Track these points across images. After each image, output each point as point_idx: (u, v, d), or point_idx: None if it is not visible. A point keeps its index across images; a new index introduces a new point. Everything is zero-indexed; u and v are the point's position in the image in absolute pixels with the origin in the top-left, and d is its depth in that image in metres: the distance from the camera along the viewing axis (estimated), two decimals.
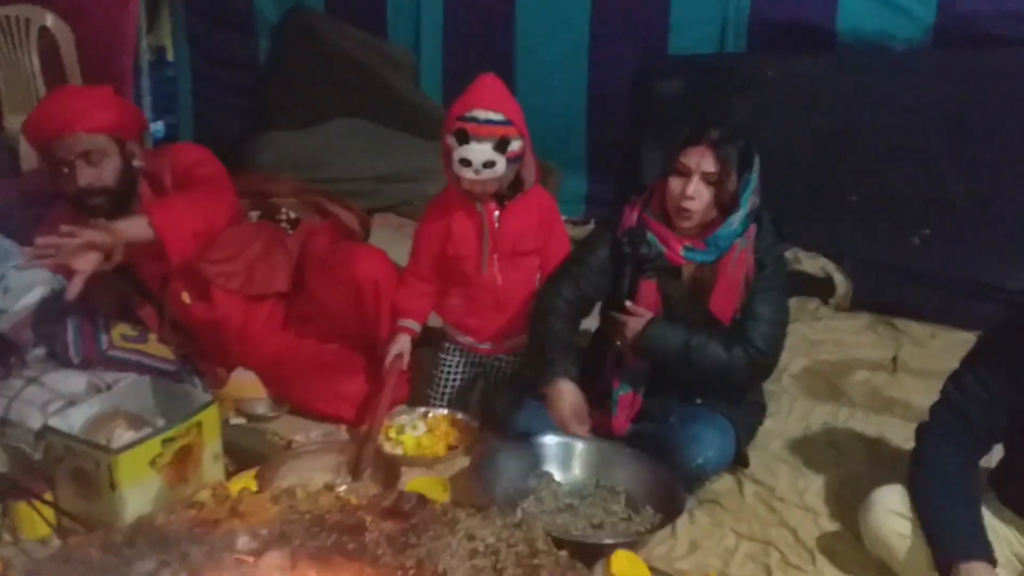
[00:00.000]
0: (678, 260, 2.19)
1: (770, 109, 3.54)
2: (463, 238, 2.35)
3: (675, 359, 2.16)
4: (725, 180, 2.10)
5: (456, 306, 2.46)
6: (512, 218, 2.34)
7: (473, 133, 2.15)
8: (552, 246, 2.43)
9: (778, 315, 2.20)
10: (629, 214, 2.26)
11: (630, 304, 2.22)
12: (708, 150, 2.10)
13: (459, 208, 2.34)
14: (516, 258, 2.39)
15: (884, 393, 2.78)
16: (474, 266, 2.37)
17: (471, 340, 2.49)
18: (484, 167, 2.17)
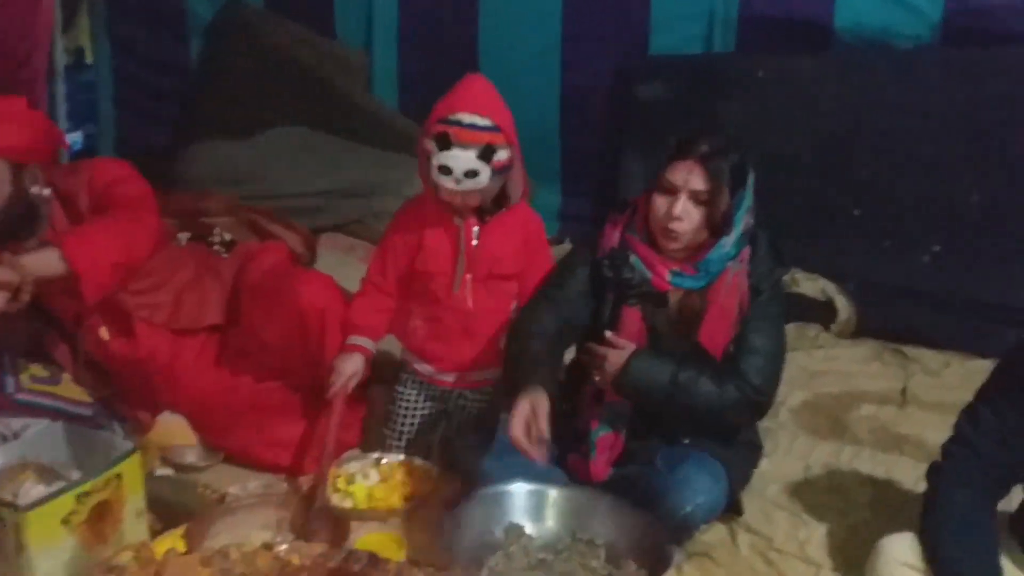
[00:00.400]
0: (664, 286, 2.20)
1: (762, 115, 3.59)
2: (436, 253, 2.36)
3: (661, 396, 2.16)
4: (716, 199, 2.11)
5: (418, 328, 2.46)
6: (492, 236, 2.35)
7: (456, 138, 2.16)
8: (533, 273, 2.43)
9: (775, 347, 2.21)
10: (610, 234, 2.26)
11: (610, 335, 2.22)
12: (697, 166, 2.11)
13: (435, 219, 2.35)
14: (491, 281, 2.40)
15: (893, 429, 2.81)
16: (444, 285, 2.38)
17: (431, 369, 2.49)
18: (466, 176, 2.18)
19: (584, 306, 2.27)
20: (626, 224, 2.26)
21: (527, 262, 2.42)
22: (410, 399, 2.54)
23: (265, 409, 2.54)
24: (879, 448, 2.69)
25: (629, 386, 2.19)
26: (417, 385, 2.53)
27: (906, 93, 3.42)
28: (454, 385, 2.51)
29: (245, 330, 2.58)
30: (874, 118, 3.46)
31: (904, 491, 2.44)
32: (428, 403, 2.55)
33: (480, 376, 2.50)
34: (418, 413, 2.55)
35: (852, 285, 3.47)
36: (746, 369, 2.16)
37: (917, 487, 2.24)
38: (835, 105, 3.53)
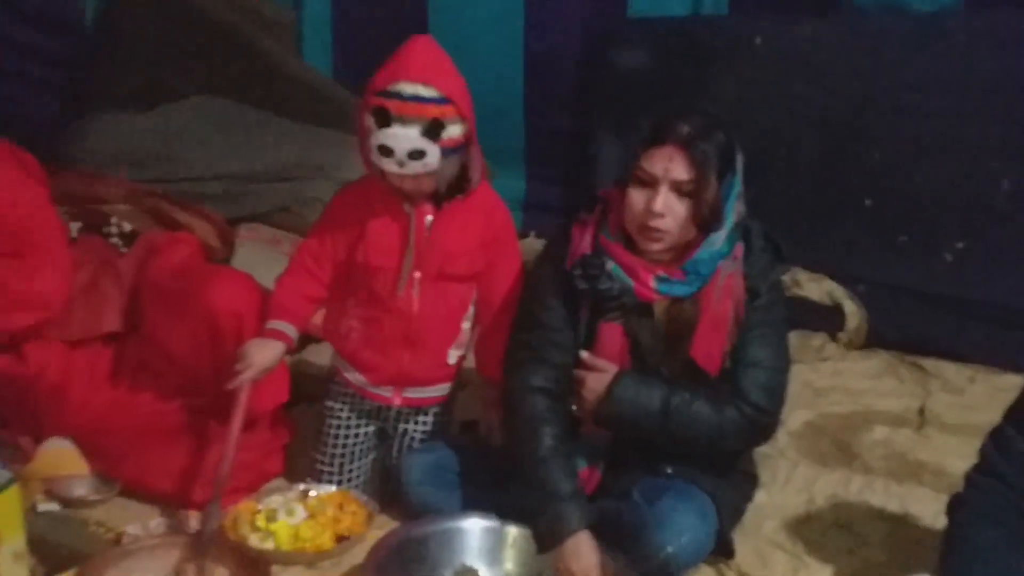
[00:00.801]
0: (649, 295, 2.20)
1: (759, 88, 3.62)
2: (380, 244, 2.34)
3: (650, 425, 2.17)
4: (702, 189, 2.11)
5: (352, 330, 2.45)
6: (447, 227, 2.33)
7: (396, 113, 2.13)
8: (499, 276, 2.42)
9: (778, 359, 2.23)
10: (580, 238, 2.25)
11: (587, 355, 2.22)
12: (678, 152, 2.10)
13: (381, 205, 2.34)
14: (442, 282, 2.38)
15: (909, 455, 2.83)
16: (388, 283, 2.35)
17: (364, 380, 2.48)
18: (410, 158, 2.15)
19: (567, 337, 2.27)
20: (598, 224, 2.25)
21: (491, 261, 2.41)
22: (342, 416, 2.52)
23: (170, 432, 2.51)
24: (893, 478, 2.71)
25: (612, 415, 2.19)
26: (348, 398, 2.51)
27: (926, 64, 3.46)
28: (389, 401, 2.49)
29: (147, 339, 2.55)
30: (889, 93, 3.49)
31: (922, 528, 2.46)
32: (363, 421, 2.53)
33: (420, 394, 2.48)
34: (351, 433, 2.53)
35: (863, 288, 3.51)
36: (747, 386, 2.17)
37: (937, 523, 2.26)
38: (844, 78, 3.56)
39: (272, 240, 3.70)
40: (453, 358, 2.46)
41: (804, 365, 3.25)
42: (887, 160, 3.51)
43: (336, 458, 2.53)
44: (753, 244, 2.22)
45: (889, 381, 3.27)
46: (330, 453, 2.53)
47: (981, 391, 3.17)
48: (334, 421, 2.53)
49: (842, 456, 2.84)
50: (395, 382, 2.46)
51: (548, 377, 2.25)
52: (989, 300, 3.38)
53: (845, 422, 3.01)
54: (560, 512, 2.11)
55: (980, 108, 3.40)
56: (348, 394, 2.51)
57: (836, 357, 3.38)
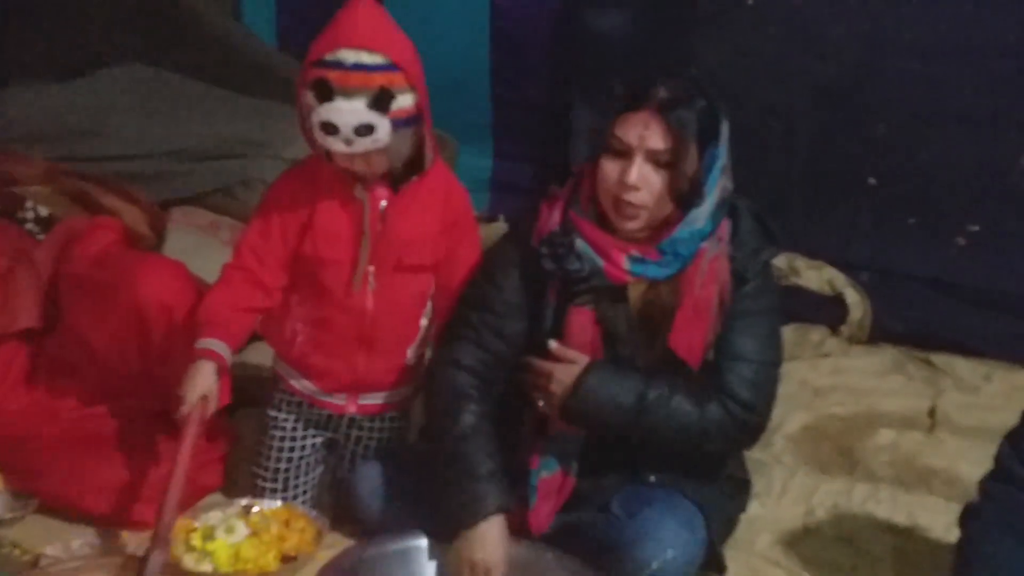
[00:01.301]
0: (622, 277, 2.19)
1: (750, 55, 3.63)
2: (332, 234, 2.32)
3: (624, 422, 2.17)
4: (681, 160, 2.11)
5: (298, 333, 2.43)
6: (405, 212, 2.32)
7: (339, 84, 2.11)
8: (456, 266, 2.41)
9: (767, 351, 2.23)
10: (548, 214, 2.25)
11: (555, 345, 2.21)
12: (654, 118, 2.10)
13: (330, 189, 2.31)
14: (401, 274, 2.37)
15: (918, 461, 2.85)
16: (341, 278, 2.33)
17: (315, 388, 2.46)
18: (357, 134, 2.14)
19: (517, 327, 2.28)
20: (568, 200, 2.25)
21: (450, 249, 2.40)
22: (287, 427, 2.51)
23: (92, 442, 2.49)
24: (901, 485, 2.74)
25: (583, 411, 2.18)
26: (295, 408, 2.50)
27: (935, 27, 3.46)
28: (343, 410, 2.48)
29: (67, 337, 2.53)
30: (894, 60, 3.50)
31: (932, 540, 2.48)
32: (311, 432, 2.52)
33: (379, 399, 2.48)
34: (297, 445, 2.52)
35: (866, 276, 3.54)
36: (732, 380, 2.17)
37: (949, 535, 2.28)
38: (844, 43, 3.56)
39: (209, 226, 3.68)
40: (412, 358, 2.45)
41: (802, 362, 3.28)
42: (892, 134, 3.53)
43: (280, 472, 2.52)
44: (741, 224, 2.23)
45: (896, 379, 3.29)
46: (273, 467, 2.52)
47: (997, 389, 3.20)
48: (277, 433, 2.51)
49: (844, 462, 2.86)
50: (349, 388, 2.45)
51: (479, 359, 2.27)
52: (1006, 288, 3.42)
53: (847, 425, 3.04)
54: (475, 492, 2.13)
55: (995, 75, 3.41)
56: (294, 403, 2.50)
57: (837, 353, 3.40)
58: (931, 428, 3.04)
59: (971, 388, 3.22)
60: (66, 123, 3.86)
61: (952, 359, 3.35)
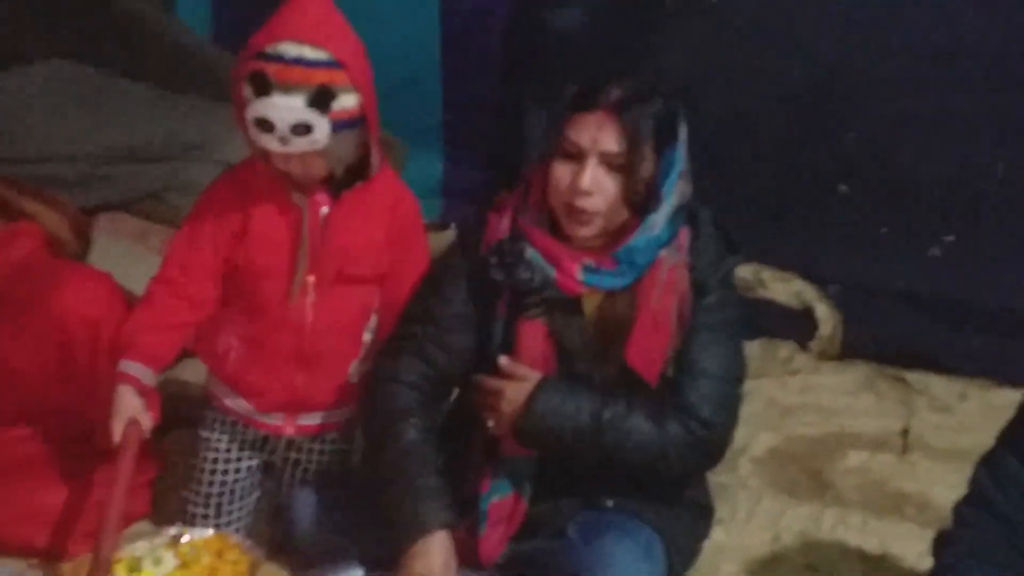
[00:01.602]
0: (575, 288, 2.19)
1: (714, 55, 3.65)
2: (266, 242, 2.30)
3: (579, 442, 2.16)
4: (636, 163, 2.11)
5: (232, 349, 2.41)
6: (346, 220, 2.31)
7: (277, 78, 2.09)
8: (404, 277, 2.40)
9: (729, 366, 2.23)
10: (496, 221, 2.25)
11: (505, 360, 2.21)
12: (608, 119, 2.11)
13: (268, 194, 2.30)
14: (342, 286, 2.36)
15: (890, 485, 2.89)
16: (278, 289, 2.32)
17: (250, 408, 2.45)
18: (294, 133, 2.12)
19: (463, 342, 2.28)
20: (517, 206, 2.25)
21: (396, 260, 2.40)
22: (220, 448, 2.49)
23: (13, 468, 2.47)
24: (872, 511, 2.76)
25: (535, 431, 2.18)
26: (229, 428, 2.48)
27: (909, 28, 3.49)
28: (281, 431, 2.47)
29: None
30: (865, 61, 3.53)
31: (905, 569, 2.51)
32: (246, 453, 2.51)
33: (319, 419, 2.46)
34: (231, 468, 2.50)
35: (836, 288, 3.57)
36: (692, 397, 2.17)
37: (921, 563, 2.30)
38: (812, 43, 3.59)
39: (138, 233, 3.66)
40: (355, 375, 2.44)
41: (769, 379, 3.30)
42: (864, 140, 3.56)
43: (213, 498, 2.50)
44: (701, 232, 2.23)
45: (867, 398, 3.32)
46: (205, 492, 2.50)
47: (973, 409, 3.23)
48: (210, 454, 2.50)
49: (813, 486, 2.88)
50: (287, 408, 2.44)
51: (422, 374, 2.26)
52: (983, 302, 3.45)
53: (816, 446, 3.06)
54: (416, 509, 2.12)
55: (972, 79, 3.44)
56: (228, 423, 2.48)
57: (806, 370, 3.42)
58: (904, 450, 3.06)
59: (946, 407, 3.25)
60: None
61: (926, 376, 3.38)
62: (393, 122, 3.88)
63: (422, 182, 4.14)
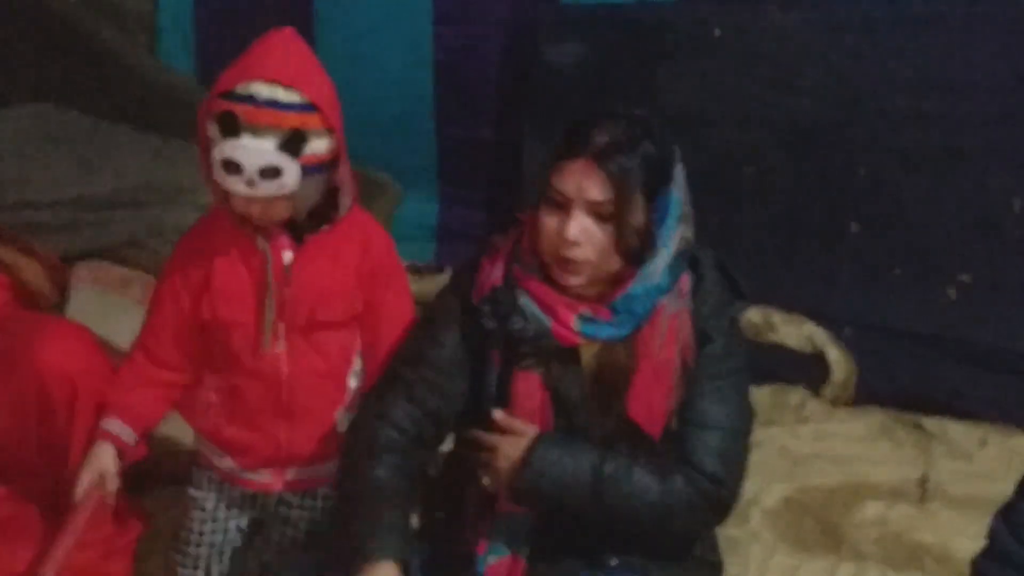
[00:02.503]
0: (571, 338, 2.17)
1: (718, 90, 3.66)
2: (231, 293, 2.30)
3: (578, 500, 2.13)
4: (625, 212, 2.08)
5: (213, 406, 2.41)
6: (313, 264, 2.30)
7: (247, 120, 2.08)
8: (384, 315, 2.39)
9: (736, 418, 2.20)
10: (489, 267, 2.23)
11: (500, 414, 2.19)
12: (593, 166, 2.07)
13: (229, 243, 2.29)
14: (316, 332, 2.35)
15: (908, 536, 2.86)
16: (247, 340, 2.32)
17: (233, 465, 2.44)
18: (262, 177, 2.11)
19: (455, 386, 2.25)
20: (511, 252, 2.23)
21: (372, 301, 2.39)
22: (208, 507, 2.48)
23: None
24: (890, 564, 2.74)
25: (532, 489, 2.15)
26: (216, 487, 2.47)
27: (920, 61, 3.50)
28: (268, 487, 2.46)
29: None
30: (875, 96, 3.54)
31: None
32: (234, 512, 2.50)
33: (308, 474, 2.45)
34: (219, 528, 2.49)
35: (849, 331, 3.55)
36: (697, 451, 2.14)
37: None
38: (821, 78, 3.60)
39: (119, 282, 3.66)
40: (343, 424, 2.41)
41: (780, 428, 3.28)
42: (875, 177, 3.55)
43: (202, 559, 2.49)
44: (704, 277, 2.21)
45: (883, 445, 3.30)
46: (193, 553, 2.49)
47: (994, 455, 3.22)
48: (198, 514, 2.49)
49: (828, 539, 2.86)
50: (273, 463, 2.43)
51: (408, 415, 2.23)
52: (1001, 345, 3.44)
53: (831, 497, 3.04)
54: (368, 538, 2.07)
55: (985, 113, 3.45)
56: (215, 481, 2.48)
57: (819, 417, 3.40)
58: (922, 499, 3.05)
59: (965, 454, 3.23)
60: None
61: (944, 422, 3.37)
62: (387, 162, 3.96)
63: (417, 224, 4.17)
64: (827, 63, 3.60)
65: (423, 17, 4.02)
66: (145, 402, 2.37)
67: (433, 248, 4.20)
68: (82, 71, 4.14)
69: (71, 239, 3.72)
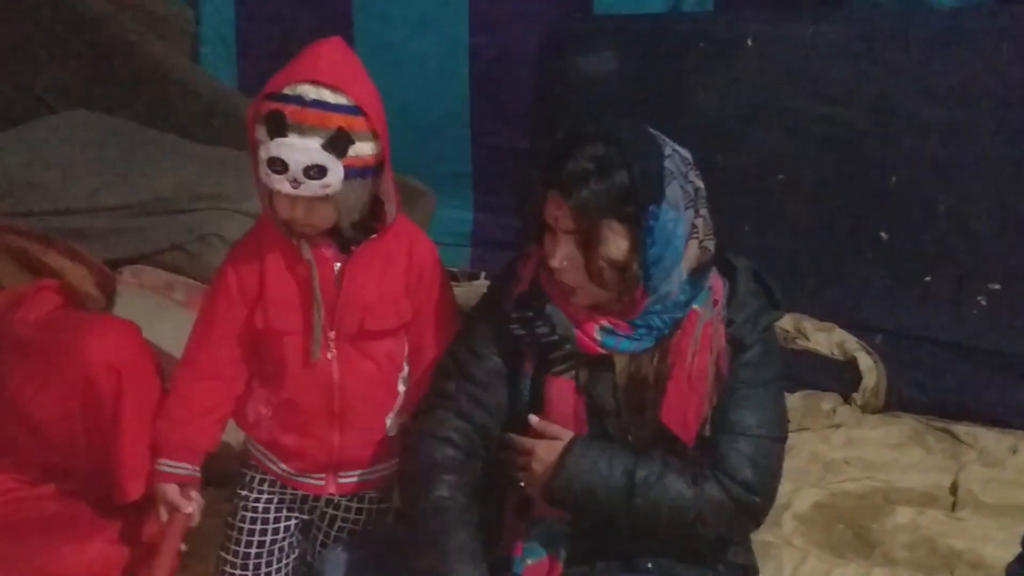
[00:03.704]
0: (594, 348, 2.17)
1: (750, 99, 3.67)
2: (281, 302, 2.29)
3: (612, 504, 2.14)
4: (592, 241, 2.05)
5: (264, 416, 2.39)
6: (363, 274, 2.30)
7: (294, 119, 2.07)
8: (430, 322, 2.39)
9: (770, 425, 2.20)
10: (522, 273, 2.24)
11: (536, 419, 2.20)
12: (561, 197, 2.05)
13: (277, 252, 2.29)
14: (365, 342, 2.35)
15: (940, 542, 2.85)
16: (298, 349, 2.31)
17: (287, 470, 2.43)
18: (307, 176, 2.11)
19: (501, 396, 2.26)
20: (541, 260, 2.20)
21: (418, 305, 2.38)
22: (259, 507, 2.47)
23: (36, 526, 2.47)
24: (922, 570, 2.73)
25: (566, 492, 2.16)
26: (267, 488, 2.47)
27: (950, 70, 3.51)
28: (322, 491, 2.45)
29: (5, 410, 2.52)
30: (906, 105, 3.54)
31: None
32: (283, 514, 2.49)
33: (360, 477, 2.44)
34: (271, 528, 2.48)
35: (880, 339, 3.55)
36: (730, 457, 2.14)
37: None
38: (852, 87, 3.60)
39: (162, 286, 3.65)
40: (394, 428, 2.40)
41: (812, 433, 3.28)
42: (906, 185, 3.55)
43: (251, 558, 2.47)
44: (738, 285, 2.20)
45: (914, 452, 3.29)
46: (243, 553, 2.47)
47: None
48: (248, 515, 2.47)
49: (859, 544, 2.86)
50: (327, 468, 2.42)
51: (457, 429, 2.23)
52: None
53: (862, 503, 3.03)
54: (444, 566, 2.08)
55: (1016, 122, 3.45)
56: (267, 481, 2.47)
57: (850, 423, 3.40)
58: (953, 506, 3.04)
59: (996, 461, 3.22)
60: (4, 175, 3.85)
61: (975, 430, 3.36)
62: (423, 170, 3.96)
63: (452, 231, 4.19)
64: (859, 73, 3.60)
65: (459, 27, 4.06)
66: (199, 434, 2.36)
67: (468, 254, 4.22)
68: (126, 79, 4.16)
69: (114, 245, 3.73)
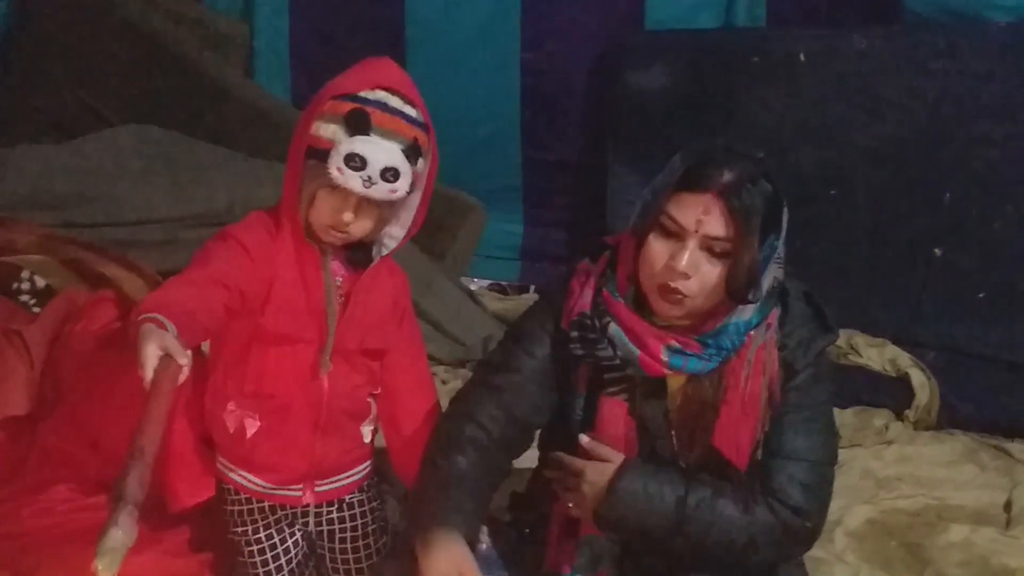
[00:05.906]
0: (658, 369, 2.14)
1: (802, 114, 3.66)
2: (295, 309, 2.24)
3: (663, 529, 2.12)
4: (741, 251, 2.03)
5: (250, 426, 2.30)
6: (369, 294, 2.29)
7: (379, 123, 2.09)
8: (401, 351, 2.38)
9: (822, 450, 2.18)
10: (579, 291, 2.22)
11: (587, 440, 2.18)
12: (716, 202, 2.03)
13: (296, 254, 2.23)
14: (359, 359, 2.33)
15: (994, 560, 2.83)
16: (306, 359, 2.27)
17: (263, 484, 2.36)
18: (383, 176, 2.10)
19: (544, 396, 2.25)
20: (601, 278, 2.21)
21: (395, 334, 2.38)
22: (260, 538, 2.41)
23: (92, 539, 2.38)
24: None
25: (615, 516, 2.14)
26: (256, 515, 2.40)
27: (1004, 85, 3.49)
28: (297, 501, 2.39)
29: (64, 422, 2.53)
30: (959, 120, 3.53)
31: None
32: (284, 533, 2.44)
33: (335, 484, 2.40)
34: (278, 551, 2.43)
35: (933, 355, 3.53)
36: (782, 482, 2.12)
37: None
38: (905, 102, 3.59)
39: None
40: (367, 436, 2.41)
41: (864, 450, 3.26)
42: (959, 201, 3.54)
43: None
44: (791, 309, 2.18)
45: (968, 469, 3.26)
46: None
47: None
48: (248, 548, 2.42)
49: (912, 562, 2.84)
50: (304, 478, 2.37)
51: (492, 417, 2.21)
52: None
53: (915, 520, 3.01)
54: (440, 513, 2.06)
55: None
56: (255, 510, 2.40)
57: (903, 440, 3.37)
58: (1008, 524, 3.01)
59: None
60: (63, 187, 3.87)
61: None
62: (473, 183, 3.98)
63: (502, 243, 4.20)
64: (911, 88, 3.60)
65: (511, 42, 4.06)
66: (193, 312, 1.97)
67: (517, 268, 4.22)
68: (180, 93, 4.19)
69: (170, 256, 3.70)
